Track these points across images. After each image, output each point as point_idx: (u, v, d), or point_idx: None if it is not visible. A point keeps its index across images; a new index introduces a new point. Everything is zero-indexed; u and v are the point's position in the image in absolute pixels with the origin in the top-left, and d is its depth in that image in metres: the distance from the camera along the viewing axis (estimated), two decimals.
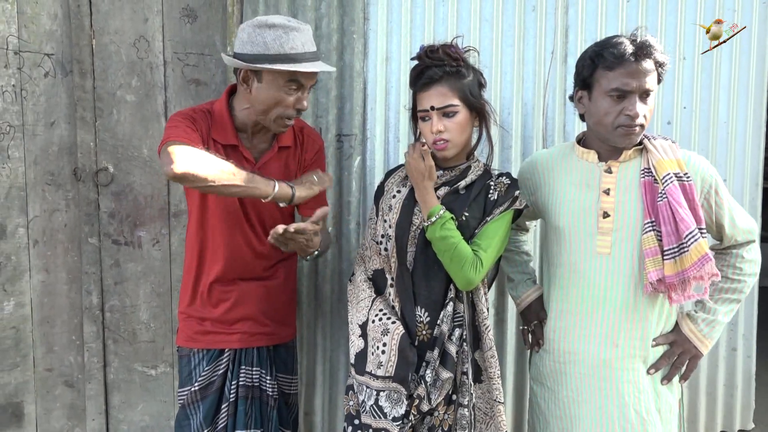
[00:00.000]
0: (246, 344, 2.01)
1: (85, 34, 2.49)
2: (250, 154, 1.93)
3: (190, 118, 1.85)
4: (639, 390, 1.74)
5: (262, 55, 1.75)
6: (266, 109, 1.83)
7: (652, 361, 1.77)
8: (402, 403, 1.74)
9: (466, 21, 2.47)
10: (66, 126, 2.54)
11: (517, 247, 2.09)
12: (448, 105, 1.75)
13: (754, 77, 2.58)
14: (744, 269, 1.79)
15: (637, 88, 1.65)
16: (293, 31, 1.76)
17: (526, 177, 1.95)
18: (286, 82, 1.79)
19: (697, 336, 1.78)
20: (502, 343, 2.58)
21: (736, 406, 2.81)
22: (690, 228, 1.63)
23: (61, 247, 2.60)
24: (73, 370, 2.66)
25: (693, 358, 1.79)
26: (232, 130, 1.89)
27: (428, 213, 1.76)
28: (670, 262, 1.65)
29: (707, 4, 2.51)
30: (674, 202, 1.64)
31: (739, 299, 1.81)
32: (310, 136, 2.06)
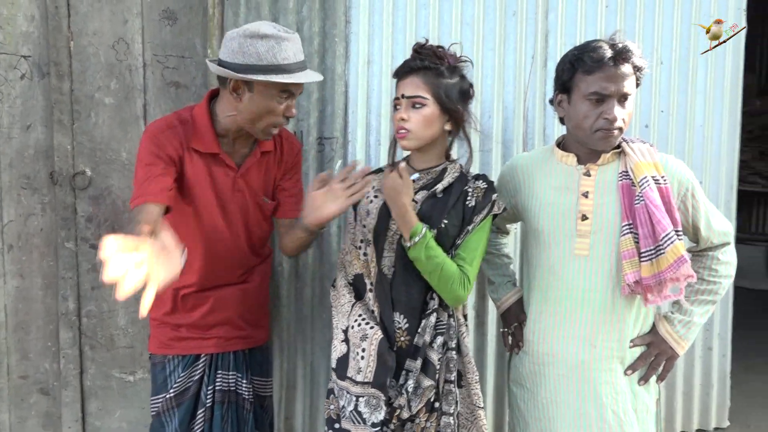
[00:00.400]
0: (222, 349, 2.00)
1: (63, 35, 2.45)
2: (232, 160, 1.91)
3: (161, 148, 1.80)
4: (616, 391, 1.76)
5: (255, 65, 1.74)
6: (255, 119, 1.82)
7: (629, 362, 1.79)
8: (381, 409, 1.73)
9: (447, 25, 2.48)
10: (42, 129, 2.50)
11: (497, 250, 2.11)
12: (416, 95, 1.76)
13: (729, 82, 2.63)
14: (719, 271, 1.82)
15: (616, 92, 1.67)
16: (285, 41, 1.76)
17: (506, 180, 1.96)
18: (279, 92, 1.79)
19: (674, 337, 1.80)
20: (482, 346, 2.59)
21: (712, 404, 2.86)
22: (667, 230, 1.65)
23: (37, 252, 2.55)
24: (49, 377, 2.62)
25: (669, 359, 1.81)
26: (213, 138, 1.87)
27: (410, 233, 1.72)
28: (647, 263, 1.67)
29: (684, 8, 2.56)
30: (651, 204, 1.66)
31: (715, 300, 1.84)
32: (289, 140, 2.05)
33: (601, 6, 2.53)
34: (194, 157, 1.87)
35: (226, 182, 1.91)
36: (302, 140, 2.43)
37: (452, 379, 1.80)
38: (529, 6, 2.50)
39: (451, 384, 1.79)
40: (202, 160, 1.87)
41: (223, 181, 1.91)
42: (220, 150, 1.88)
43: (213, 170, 1.89)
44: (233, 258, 1.98)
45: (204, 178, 1.88)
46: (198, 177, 1.88)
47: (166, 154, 1.82)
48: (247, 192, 1.95)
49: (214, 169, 1.89)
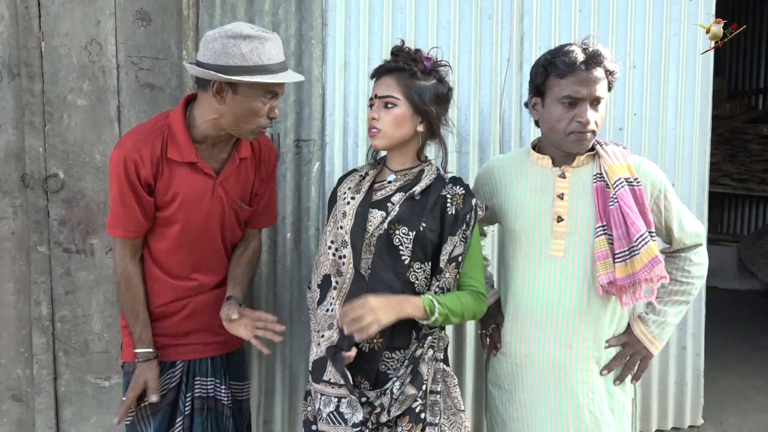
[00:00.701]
0: (200, 355, 1.98)
1: (34, 36, 2.41)
2: (210, 167, 1.89)
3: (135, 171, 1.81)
4: (593, 391, 1.78)
5: (239, 66, 1.72)
6: (240, 120, 1.80)
7: (604, 362, 1.81)
8: (359, 410, 1.74)
9: (423, 28, 2.49)
10: (13, 131, 2.46)
11: None
12: (388, 95, 1.78)
13: (699, 86, 2.68)
14: (692, 272, 1.85)
15: (588, 96, 1.69)
16: (268, 41, 1.75)
17: (482, 182, 1.97)
18: (263, 93, 1.78)
19: (648, 337, 1.83)
20: (461, 347, 2.61)
21: (687, 403, 2.90)
22: (641, 231, 1.67)
23: (8, 256, 2.51)
24: (21, 383, 2.57)
25: (644, 359, 1.84)
26: (190, 147, 1.84)
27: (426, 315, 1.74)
28: (620, 264, 1.69)
29: (656, 13, 2.60)
30: (625, 206, 1.69)
31: (688, 301, 1.87)
32: (267, 145, 2.04)
33: (575, 10, 2.56)
34: (171, 166, 1.84)
35: (204, 190, 1.89)
36: (279, 142, 2.43)
37: (438, 389, 1.80)
38: (504, 9, 2.53)
39: (437, 395, 1.80)
40: (181, 169, 1.85)
41: (201, 189, 1.88)
42: (198, 159, 1.85)
43: (190, 179, 1.87)
44: (210, 265, 1.97)
45: (182, 187, 1.86)
46: (175, 187, 1.86)
47: (141, 178, 1.82)
48: (225, 199, 1.93)
49: (192, 178, 1.87)
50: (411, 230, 1.78)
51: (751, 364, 4.08)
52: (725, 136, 6.39)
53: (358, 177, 1.92)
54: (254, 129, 1.83)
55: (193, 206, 1.88)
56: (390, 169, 1.89)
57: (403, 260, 1.79)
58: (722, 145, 6.42)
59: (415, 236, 1.78)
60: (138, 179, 1.81)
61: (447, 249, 1.82)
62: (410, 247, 1.78)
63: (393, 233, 1.78)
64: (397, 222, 1.79)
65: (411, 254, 1.79)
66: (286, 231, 2.46)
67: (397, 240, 1.78)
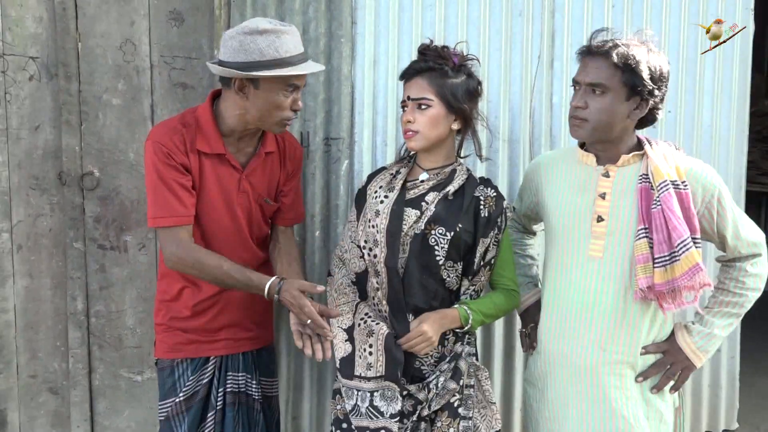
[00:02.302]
0: (232, 350, 2.01)
1: (71, 37, 2.47)
2: (237, 161, 1.92)
3: (170, 156, 1.81)
4: (627, 396, 1.73)
5: (258, 62, 1.74)
6: (265, 115, 1.83)
7: (640, 368, 1.75)
8: (397, 399, 1.75)
9: (453, 25, 2.48)
10: (51, 130, 2.52)
11: (522, 250, 2.10)
12: (422, 98, 1.79)
13: (736, 82, 2.61)
14: (746, 283, 1.75)
15: (582, 81, 1.69)
16: (285, 34, 1.77)
17: (530, 178, 1.96)
18: (285, 86, 1.79)
19: (691, 348, 1.76)
20: (489, 345, 2.59)
21: (721, 406, 2.84)
22: (683, 236, 1.62)
23: (46, 252, 2.57)
24: (58, 376, 2.63)
25: (685, 369, 1.77)
26: (218, 139, 1.87)
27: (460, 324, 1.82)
28: (660, 270, 1.64)
29: (691, 9, 2.55)
30: (668, 210, 1.63)
31: (739, 314, 1.78)
32: (291, 143, 2.06)
33: (607, 5, 2.52)
34: (200, 158, 1.87)
35: (231, 183, 1.92)
36: (308, 140, 2.44)
37: (472, 384, 1.82)
38: (534, 6, 2.50)
39: (471, 389, 1.82)
40: (208, 161, 1.88)
41: (228, 181, 1.91)
42: (225, 150, 1.88)
43: (219, 171, 1.90)
44: (242, 259, 1.98)
45: (211, 179, 1.89)
46: (204, 179, 1.89)
47: (177, 162, 1.83)
48: (251, 193, 1.95)
49: (220, 170, 1.90)
50: (448, 231, 1.78)
51: None
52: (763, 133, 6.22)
53: (389, 175, 1.92)
54: (280, 122, 1.85)
55: (221, 199, 1.91)
56: (421, 167, 1.89)
57: (438, 260, 1.80)
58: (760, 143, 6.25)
59: (452, 237, 1.78)
60: (176, 162, 1.82)
61: (479, 251, 1.83)
62: (446, 248, 1.79)
63: (429, 233, 1.79)
64: (433, 222, 1.79)
65: (446, 254, 1.79)
66: (315, 229, 2.47)
67: (433, 240, 1.79)
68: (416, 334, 1.76)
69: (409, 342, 1.76)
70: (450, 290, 1.85)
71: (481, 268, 1.85)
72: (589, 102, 1.68)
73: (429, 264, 1.80)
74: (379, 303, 1.84)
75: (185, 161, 1.84)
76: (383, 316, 1.83)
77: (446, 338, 1.83)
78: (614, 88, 1.66)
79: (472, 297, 1.87)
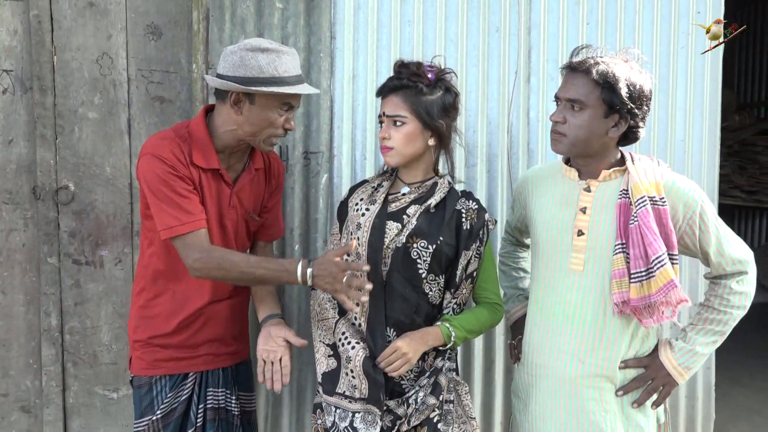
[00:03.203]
0: (212, 365, 1.99)
1: (46, 50, 2.45)
2: (229, 176, 1.93)
3: (174, 167, 1.78)
4: (605, 410, 1.73)
5: (256, 78, 1.77)
6: (257, 131, 1.85)
7: (620, 382, 1.75)
8: (376, 424, 1.74)
9: (431, 41, 2.50)
10: (25, 144, 2.49)
11: (515, 263, 2.11)
12: (396, 115, 1.80)
13: (708, 98, 2.67)
14: (731, 301, 1.73)
15: (561, 96, 1.72)
16: (285, 54, 1.81)
17: (519, 192, 1.99)
18: (280, 104, 1.82)
19: (673, 364, 1.75)
20: (469, 359, 2.59)
21: (698, 417, 2.86)
22: (657, 253, 1.62)
23: (19, 267, 2.53)
24: (30, 394, 2.57)
25: (667, 386, 1.76)
26: (213, 154, 1.88)
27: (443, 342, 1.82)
28: (636, 285, 1.64)
29: (663, 26, 2.60)
30: (644, 226, 1.64)
31: (724, 332, 1.76)
32: (276, 159, 2.10)
33: (582, 23, 2.56)
34: (198, 172, 1.87)
35: (223, 198, 1.92)
36: (287, 155, 2.44)
37: (452, 399, 1.82)
38: (511, 23, 2.54)
39: (451, 404, 1.81)
40: (204, 175, 1.88)
41: (221, 197, 1.92)
42: (220, 165, 1.89)
43: (213, 186, 1.90)
44: None
45: (206, 194, 1.89)
46: (202, 193, 1.88)
47: (182, 174, 1.81)
48: (239, 208, 1.96)
49: (214, 185, 1.91)
50: (430, 244, 1.79)
51: (763, 378, 4.04)
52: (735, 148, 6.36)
53: (371, 188, 1.93)
54: (269, 139, 1.87)
55: (214, 213, 1.91)
56: (403, 181, 1.90)
57: (420, 273, 1.80)
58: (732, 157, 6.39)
59: (434, 250, 1.79)
60: (181, 174, 1.80)
61: (461, 264, 1.83)
62: (428, 261, 1.79)
63: (411, 246, 1.79)
64: (415, 235, 1.80)
65: (428, 267, 1.80)
66: (294, 243, 2.46)
67: (415, 253, 1.79)
68: (391, 351, 1.75)
69: (385, 360, 1.76)
70: (432, 304, 1.85)
71: (463, 281, 1.86)
72: (568, 117, 1.70)
73: (411, 277, 1.80)
74: (356, 318, 1.84)
75: (188, 173, 1.83)
76: (360, 332, 1.82)
77: (427, 353, 1.83)
78: (592, 105, 1.68)
79: (455, 310, 1.87)
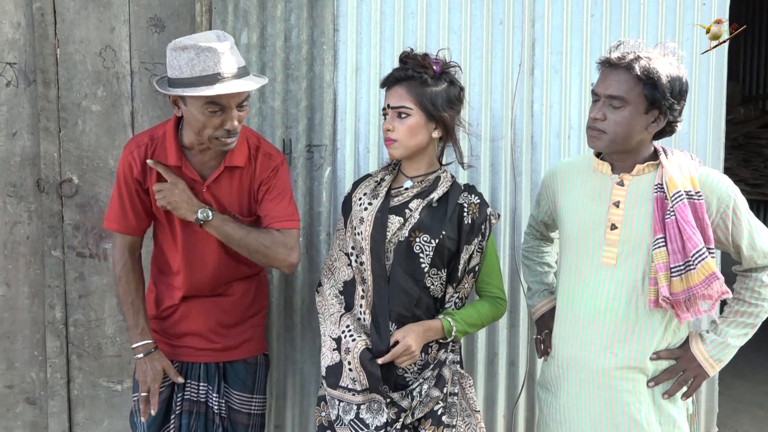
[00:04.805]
0: (193, 359, 2.02)
1: (49, 43, 2.44)
2: (197, 173, 1.90)
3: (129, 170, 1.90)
4: (639, 400, 1.73)
5: (178, 79, 1.72)
6: (198, 131, 1.80)
7: (652, 373, 1.75)
8: (383, 411, 1.75)
9: (435, 33, 2.49)
10: (29, 136, 2.49)
11: (539, 258, 2.11)
12: (401, 106, 1.79)
13: (713, 91, 2.66)
14: (762, 294, 1.74)
15: (601, 93, 1.69)
16: (205, 51, 1.69)
17: (546, 185, 1.97)
18: (204, 105, 1.73)
19: (704, 356, 1.75)
20: (472, 352, 2.60)
21: (701, 410, 2.87)
22: (697, 247, 1.62)
23: (23, 260, 2.53)
24: (35, 386, 2.59)
25: (697, 377, 1.76)
26: (176, 151, 1.87)
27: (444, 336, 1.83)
28: (676, 279, 1.64)
29: (668, 19, 2.59)
30: (682, 220, 1.63)
31: (755, 324, 1.76)
32: (266, 156, 1.97)
33: (586, 15, 2.55)
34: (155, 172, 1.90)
35: (196, 195, 1.90)
36: (291, 148, 2.44)
37: (456, 391, 1.82)
38: (515, 15, 2.52)
39: (455, 396, 1.82)
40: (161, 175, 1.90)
41: (193, 193, 1.90)
42: (182, 163, 1.88)
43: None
44: (218, 271, 2.00)
45: None
46: None
47: (133, 177, 1.90)
48: (215, 205, 1.93)
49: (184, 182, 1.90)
50: (433, 238, 1.79)
51: (765, 372, 4.04)
52: (739, 140, 6.33)
53: (374, 182, 1.92)
54: (212, 140, 1.80)
55: None
56: (406, 175, 1.89)
57: (423, 267, 1.80)
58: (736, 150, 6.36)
59: (436, 244, 1.79)
60: (131, 178, 1.90)
61: (464, 258, 1.83)
62: (431, 255, 1.79)
63: (414, 240, 1.79)
64: (418, 229, 1.80)
65: (431, 262, 1.80)
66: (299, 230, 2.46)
67: (417, 247, 1.79)
68: (401, 350, 1.76)
69: (393, 357, 1.77)
70: (435, 298, 1.86)
71: (465, 275, 1.86)
72: (608, 114, 1.68)
73: (414, 271, 1.80)
74: (361, 312, 1.84)
75: (139, 175, 1.90)
76: (365, 326, 1.82)
77: (430, 346, 1.83)
78: (633, 102, 1.66)
79: (457, 305, 1.87)
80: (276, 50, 2.40)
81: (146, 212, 1.96)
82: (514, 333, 2.60)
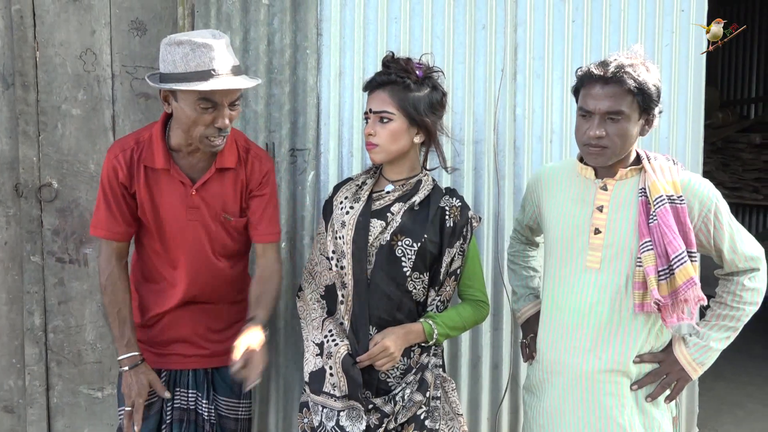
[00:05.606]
0: (181, 366, 1.99)
1: (29, 46, 2.41)
2: (186, 176, 1.88)
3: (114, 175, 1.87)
4: (622, 404, 1.74)
5: (171, 74, 1.71)
6: (187, 129, 1.78)
7: (636, 376, 1.77)
8: (362, 419, 1.74)
9: (418, 38, 2.50)
10: (7, 140, 2.45)
11: (525, 262, 2.11)
12: (383, 111, 1.79)
13: (692, 95, 2.69)
14: (743, 297, 1.76)
15: (596, 110, 1.67)
16: (201, 47, 1.69)
17: (531, 190, 1.98)
18: (196, 101, 1.72)
19: (687, 359, 1.77)
20: (456, 355, 2.60)
21: (682, 411, 2.89)
22: (677, 251, 1.64)
23: (1, 266, 2.50)
24: (13, 394, 2.55)
25: (681, 381, 1.78)
26: (163, 154, 1.85)
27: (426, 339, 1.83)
28: (663, 282, 1.67)
29: (648, 24, 2.62)
30: (663, 224, 1.65)
31: (736, 327, 1.78)
32: (259, 159, 1.97)
33: (568, 21, 2.58)
34: (148, 173, 1.87)
35: (181, 198, 1.89)
36: (274, 152, 2.43)
37: (438, 395, 1.82)
38: (498, 20, 2.54)
39: (438, 400, 1.81)
40: (156, 175, 1.87)
41: (177, 196, 1.89)
42: (170, 165, 1.86)
43: (167, 186, 1.89)
44: (207, 275, 1.97)
45: (161, 194, 1.88)
46: (155, 194, 1.89)
47: (118, 182, 1.87)
48: (205, 208, 1.91)
49: (168, 185, 1.89)
50: (415, 242, 1.79)
51: (745, 373, 4.09)
52: (718, 145, 6.43)
53: (355, 186, 1.92)
54: (201, 139, 1.79)
55: (171, 213, 1.90)
56: (387, 179, 1.89)
57: (404, 271, 1.80)
58: (715, 154, 6.46)
59: (418, 248, 1.79)
60: (117, 183, 1.87)
61: (445, 261, 1.83)
62: (413, 259, 1.79)
63: (395, 244, 1.79)
64: (400, 233, 1.80)
65: (412, 265, 1.80)
66: (281, 240, 2.45)
67: (399, 251, 1.79)
68: (378, 350, 1.76)
69: (370, 358, 1.76)
70: (417, 302, 1.86)
71: (446, 278, 1.86)
72: (607, 129, 1.68)
73: (396, 275, 1.80)
74: (342, 317, 1.83)
75: (125, 180, 1.87)
76: (344, 329, 1.82)
77: (412, 350, 1.83)
78: (630, 112, 1.68)
79: (439, 308, 1.87)
80: (259, 54, 2.39)
81: (133, 217, 1.92)
82: (497, 336, 2.61)
